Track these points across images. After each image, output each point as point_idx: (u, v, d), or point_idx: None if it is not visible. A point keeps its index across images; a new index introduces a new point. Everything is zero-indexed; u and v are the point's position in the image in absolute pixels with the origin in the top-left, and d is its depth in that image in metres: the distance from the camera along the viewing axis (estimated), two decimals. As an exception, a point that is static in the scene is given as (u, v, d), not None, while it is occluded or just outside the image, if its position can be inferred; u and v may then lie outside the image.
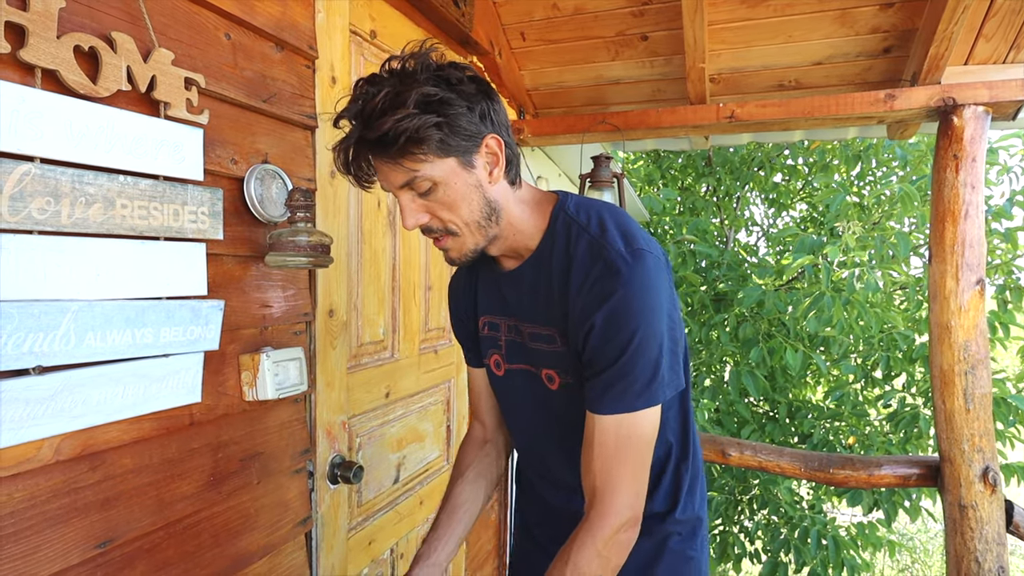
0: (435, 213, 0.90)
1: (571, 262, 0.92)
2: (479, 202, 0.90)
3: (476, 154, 0.88)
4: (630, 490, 0.90)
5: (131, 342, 0.91)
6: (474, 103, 0.86)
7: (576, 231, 0.94)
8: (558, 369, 0.99)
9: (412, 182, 0.86)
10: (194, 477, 1.06)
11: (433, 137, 0.82)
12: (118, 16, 0.91)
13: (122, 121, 0.88)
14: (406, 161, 0.84)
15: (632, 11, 2.02)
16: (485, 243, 0.95)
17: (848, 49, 1.97)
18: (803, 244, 3.16)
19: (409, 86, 0.81)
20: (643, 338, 0.87)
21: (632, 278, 0.87)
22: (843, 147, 4.22)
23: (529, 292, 1.00)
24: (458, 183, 0.87)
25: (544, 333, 0.99)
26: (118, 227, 0.89)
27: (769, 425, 4.39)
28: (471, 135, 0.86)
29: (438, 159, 0.85)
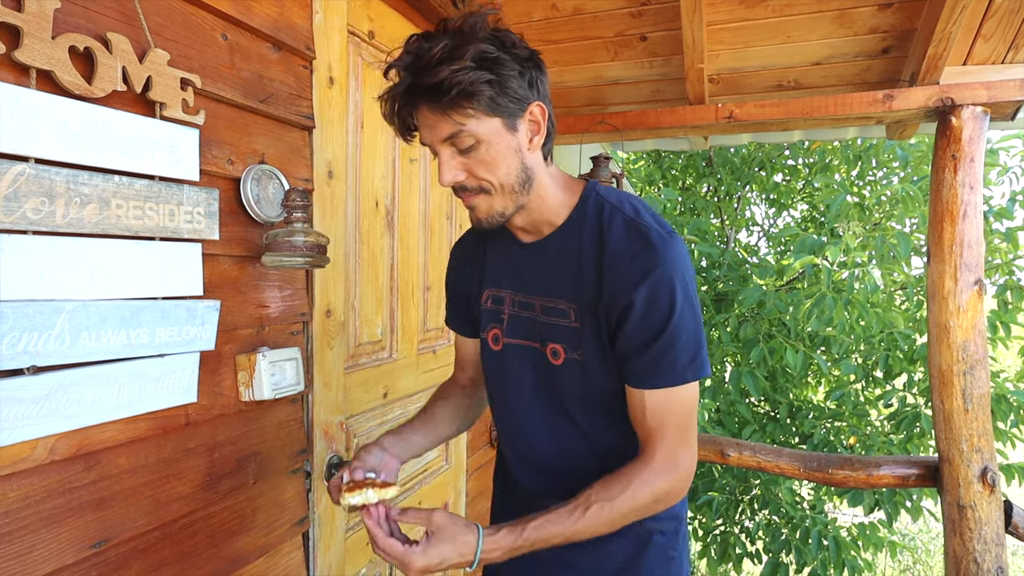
0: (473, 171, 0.92)
1: (605, 239, 0.94)
2: (516, 166, 0.92)
3: (520, 118, 0.91)
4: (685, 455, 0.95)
5: (126, 342, 0.91)
6: (525, 68, 0.89)
7: (609, 210, 0.97)
8: (566, 344, 0.99)
9: (456, 136, 0.88)
10: (190, 477, 1.06)
11: (484, 94, 0.85)
12: (114, 17, 0.91)
13: (117, 121, 0.89)
14: (455, 114, 0.86)
15: (631, 11, 2.02)
16: (514, 209, 0.96)
17: (847, 49, 1.97)
18: (804, 244, 3.16)
19: (466, 41, 0.84)
20: (683, 311, 0.91)
21: (669, 255, 0.90)
22: (843, 147, 4.22)
23: (550, 266, 1.01)
24: (500, 144, 0.90)
25: (560, 308, 0.99)
26: (113, 227, 0.89)
27: (770, 425, 4.38)
28: (519, 99, 0.89)
29: (485, 117, 0.87)
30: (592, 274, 0.95)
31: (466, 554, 0.89)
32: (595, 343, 0.97)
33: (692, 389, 0.94)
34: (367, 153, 1.56)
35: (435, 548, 0.89)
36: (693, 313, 0.93)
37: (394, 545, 0.89)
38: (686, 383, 0.93)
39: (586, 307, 0.96)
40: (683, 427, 0.95)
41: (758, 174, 4.61)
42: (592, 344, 0.97)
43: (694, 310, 0.93)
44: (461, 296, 1.23)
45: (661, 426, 0.94)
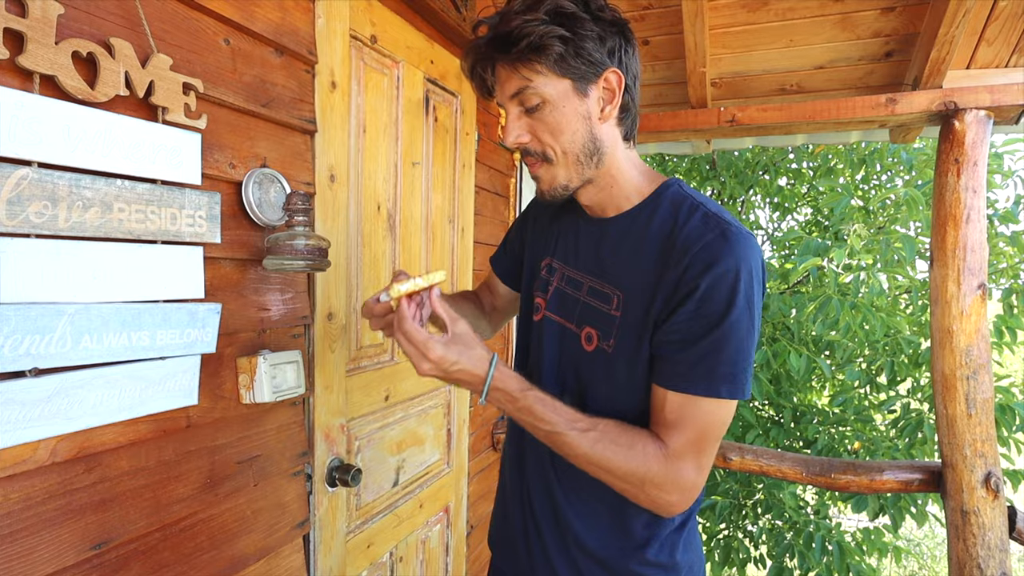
0: (537, 134, 0.89)
1: (676, 227, 0.87)
2: (583, 134, 0.88)
3: (593, 84, 0.86)
4: (689, 476, 0.85)
5: (127, 344, 0.91)
6: (608, 34, 0.85)
7: (690, 205, 0.90)
8: (601, 332, 0.93)
9: (522, 92, 0.86)
10: (191, 479, 1.07)
11: (554, 50, 0.82)
12: (117, 22, 0.92)
13: (120, 126, 0.89)
14: (523, 68, 0.84)
15: (633, 15, 2.02)
16: (579, 182, 0.92)
17: (850, 53, 1.97)
18: (808, 247, 3.15)
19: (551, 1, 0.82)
20: (740, 317, 0.81)
21: (743, 253, 0.82)
22: (848, 151, 4.21)
23: (609, 248, 0.95)
24: (567, 107, 0.86)
25: (605, 292, 0.94)
26: (115, 231, 0.90)
27: (774, 429, 4.36)
28: (593, 62, 0.84)
29: (554, 76, 0.84)
30: (652, 262, 0.88)
31: (479, 368, 0.86)
32: (631, 337, 0.89)
33: (722, 408, 0.84)
34: (369, 157, 1.56)
35: (455, 347, 0.85)
36: (751, 324, 0.83)
37: (418, 330, 0.84)
38: (718, 398, 0.83)
39: (634, 297, 0.90)
40: (700, 442, 0.85)
41: (762, 177, 4.60)
42: (627, 338, 0.90)
43: (752, 322, 0.83)
44: (514, 246, 1.24)
45: (677, 429, 0.85)
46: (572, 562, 1.01)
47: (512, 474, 1.14)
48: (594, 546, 0.99)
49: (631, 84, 0.90)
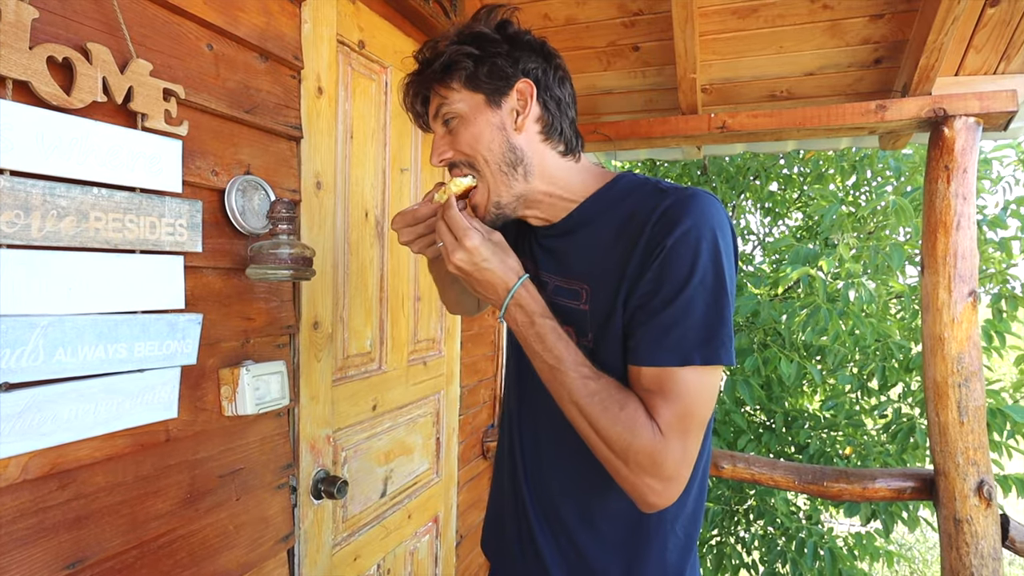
0: (458, 147, 0.92)
1: (637, 207, 0.86)
2: (500, 144, 0.90)
3: (505, 96, 0.90)
4: (681, 450, 0.78)
5: (104, 357, 0.89)
6: (522, 53, 0.90)
7: (642, 181, 0.91)
8: (577, 328, 0.91)
9: (440, 109, 0.91)
10: (170, 494, 1.04)
11: (464, 66, 0.88)
12: (95, 27, 0.90)
13: (97, 133, 0.87)
14: (440, 87, 0.91)
15: (623, 21, 2.02)
16: (509, 198, 0.92)
17: (839, 60, 1.97)
18: (798, 255, 3.15)
19: (467, 26, 0.91)
20: (706, 276, 0.78)
21: (706, 212, 0.80)
22: (838, 157, 4.23)
23: (568, 244, 0.95)
24: (480, 119, 0.90)
25: (573, 288, 0.93)
26: (91, 240, 0.87)
27: (766, 435, 4.36)
28: (504, 76, 0.89)
29: (466, 91, 0.90)
30: (614, 247, 0.87)
31: (508, 276, 0.88)
32: (610, 327, 0.86)
33: (702, 379, 0.79)
34: (357, 163, 1.54)
35: (490, 246, 0.88)
36: (719, 283, 0.79)
37: (462, 216, 0.88)
38: (692, 365, 0.77)
39: (601, 286, 0.88)
40: (684, 419, 0.78)
41: (753, 183, 4.62)
42: (606, 329, 0.87)
43: (722, 280, 0.79)
44: None
45: (658, 401, 0.79)
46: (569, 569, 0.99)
47: (508, 483, 1.12)
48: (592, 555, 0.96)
49: (551, 102, 0.92)
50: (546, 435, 1.02)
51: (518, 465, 1.07)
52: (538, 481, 1.04)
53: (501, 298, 0.88)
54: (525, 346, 0.89)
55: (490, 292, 0.90)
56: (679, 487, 0.81)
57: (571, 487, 0.99)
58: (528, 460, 1.06)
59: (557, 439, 0.99)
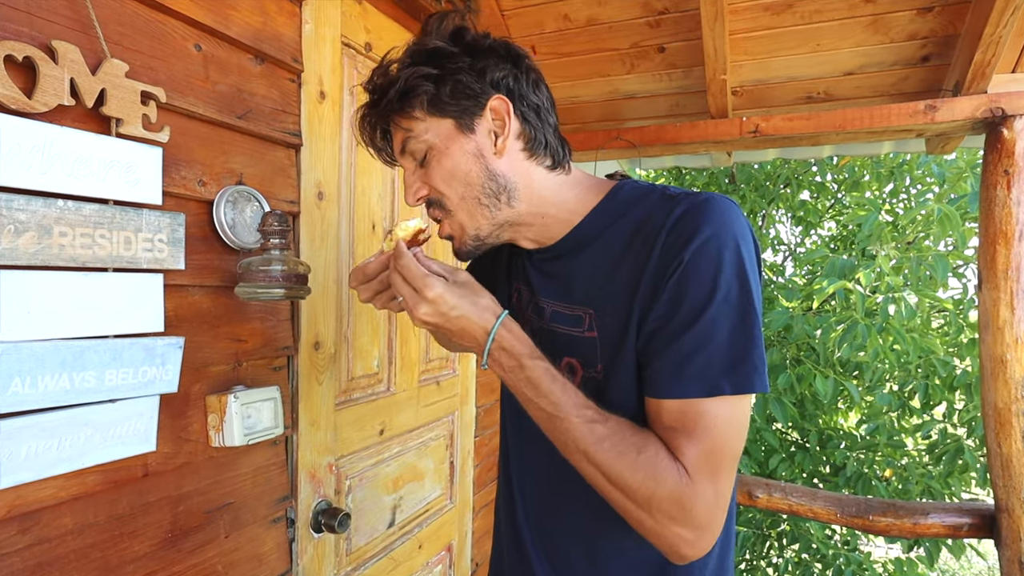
0: (432, 183, 0.81)
1: (643, 217, 0.76)
2: (478, 173, 0.79)
3: (478, 117, 0.78)
4: (709, 492, 0.68)
5: (68, 387, 0.80)
6: (488, 64, 0.78)
7: (647, 190, 0.80)
8: (582, 359, 0.81)
9: (407, 144, 0.80)
10: (149, 534, 0.95)
11: (424, 90, 0.76)
12: (64, 24, 0.82)
13: (62, 139, 0.79)
14: (400, 118, 0.79)
15: (648, 21, 1.90)
16: (490, 228, 0.82)
17: (882, 58, 1.83)
18: (833, 267, 2.98)
19: (417, 43, 0.78)
20: (730, 291, 0.68)
21: (727, 219, 0.70)
22: (875, 163, 4.04)
23: (563, 266, 0.85)
24: (452, 148, 0.78)
25: (576, 314, 0.82)
26: (55, 258, 0.79)
27: (799, 454, 4.16)
28: (472, 94, 0.77)
29: (432, 118, 0.78)
30: (620, 266, 0.77)
31: (483, 319, 0.75)
32: (619, 355, 0.76)
33: (732, 409, 0.69)
34: (363, 172, 1.45)
35: (456, 290, 0.75)
36: (747, 299, 0.69)
37: (417, 265, 0.75)
38: (720, 395, 0.67)
39: (609, 308, 0.78)
40: (713, 456, 0.68)
41: (783, 191, 4.44)
42: (615, 358, 0.77)
43: (749, 296, 0.69)
44: None
45: (682, 439, 0.69)
46: None
47: (505, 522, 1.00)
48: None
49: (529, 112, 0.81)
50: (547, 470, 0.90)
51: (517, 503, 0.95)
52: (540, 520, 0.92)
53: (481, 344, 0.76)
54: (516, 393, 0.77)
55: (467, 340, 0.77)
56: (714, 534, 0.70)
57: (578, 528, 0.87)
58: (528, 497, 0.94)
59: (560, 474, 0.86)
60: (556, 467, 0.85)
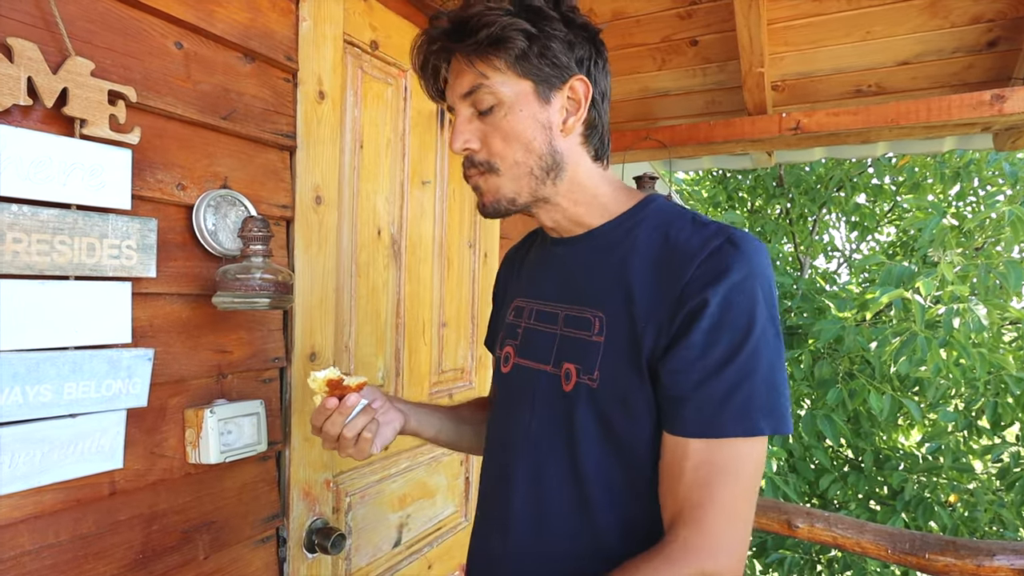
0: (488, 141, 0.78)
1: (672, 238, 0.75)
2: (541, 145, 0.77)
3: (557, 90, 0.77)
4: (735, 537, 0.67)
5: (20, 402, 0.76)
6: (577, 39, 0.77)
7: (679, 213, 0.79)
8: (582, 365, 0.77)
9: (476, 91, 0.76)
10: (117, 555, 0.90)
11: (516, 44, 0.73)
12: (25, 20, 0.78)
13: (16, 141, 0.75)
14: (480, 62, 0.75)
15: (678, 13, 1.78)
16: (529, 199, 0.80)
17: (942, 44, 1.65)
18: (890, 275, 2.75)
19: None
20: (766, 331, 0.69)
21: (760, 261, 0.71)
22: (938, 163, 3.75)
23: (585, 265, 0.83)
24: (524, 112, 0.76)
25: (585, 317, 0.80)
26: (8, 265, 0.75)
27: (852, 475, 3.89)
28: (559, 66, 0.76)
29: (513, 76, 0.75)
30: (641, 277, 0.74)
31: None
32: (624, 365, 0.73)
33: (761, 447, 0.69)
34: (367, 176, 1.39)
35: None
36: (778, 340, 0.70)
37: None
38: (758, 435, 0.67)
39: (620, 318, 0.75)
40: (739, 499, 0.67)
41: (836, 194, 4.18)
42: (619, 367, 0.73)
43: (779, 336, 0.71)
44: (494, 314, 1.11)
45: (708, 494, 0.67)
46: None
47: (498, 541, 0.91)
48: None
49: (599, 99, 0.81)
50: (550, 494, 0.81)
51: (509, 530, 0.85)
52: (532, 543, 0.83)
53: None
54: None
55: None
56: (746, 548, 0.70)
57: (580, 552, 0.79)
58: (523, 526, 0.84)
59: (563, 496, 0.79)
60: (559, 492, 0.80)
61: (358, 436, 0.85)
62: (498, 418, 0.93)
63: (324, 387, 0.83)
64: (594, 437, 0.75)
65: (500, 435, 0.91)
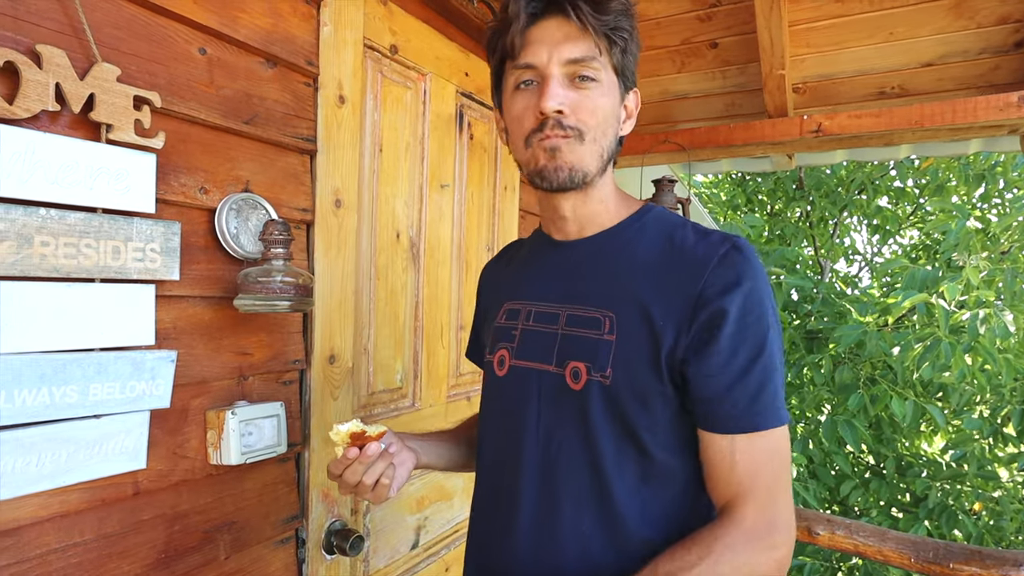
0: (579, 108, 0.80)
1: (677, 245, 0.82)
2: (613, 133, 0.85)
3: (627, 93, 0.87)
4: (787, 508, 0.76)
5: (48, 402, 0.77)
6: (638, 50, 0.87)
7: (679, 223, 0.86)
8: (593, 363, 0.79)
9: (587, 61, 0.79)
10: (140, 554, 0.91)
11: (622, 43, 0.81)
12: (52, 27, 0.80)
13: (45, 146, 0.76)
14: (600, 40, 0.79)
15: (698, 15, 1.77)
16: (587, 180, 0.84)
17: (967, 45, 1.62)
18: (913, 279, 2.71)
19: None
20: (777, 333, 0.79)
21: (760, 265, 0.79)
22: (962, 166, 3.68)
23: (591, 268, 0.87)
24: (613, 99, 0.83)
25: (593, 317, 0.82)
26: (36, 268, 0.76)
27: (874, 481, 3.82)
28: (630, 72, 0.86)
29: (610, 67, 0.82)
30: (651, 280, 0.80)
31: None
32: (637, 363, 0.77)
33: (787, 432, 0.80)
34: (386, 179, 1.40)
35: None
36: (780, 336, 0.80)
37: None
38: (784, 424, 0.77)
39: (631, 318, 0.78)
40: (779, 482, 0.77)
41: (858, 197, 4.12)
42: (632, 364, 0.77)
43: (780, 332, 0.80)
44: (478, 325, 1.13)
45: (753, 481, 0.75)
46: None
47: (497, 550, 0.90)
48: None
49: None
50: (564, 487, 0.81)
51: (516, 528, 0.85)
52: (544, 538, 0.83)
53: None
54: None
55: None
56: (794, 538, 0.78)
57: None
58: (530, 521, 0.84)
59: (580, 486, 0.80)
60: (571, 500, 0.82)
61: (376, 482, 0.85)
62: (495, 422, 0.92)
63: (346, 440, 0.83)
64: (609, 430, 0.78)
65: (499, 438, 0.90)
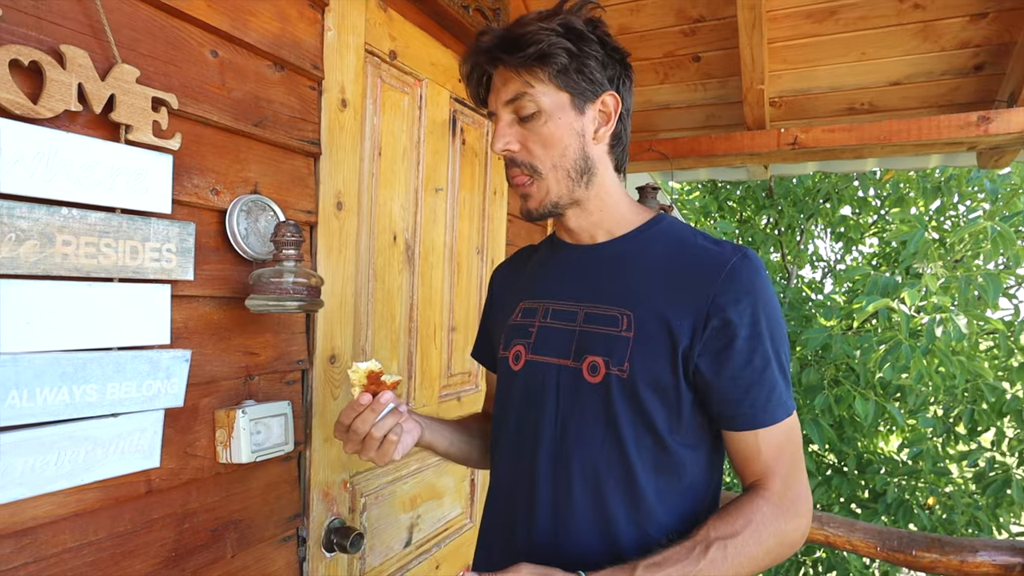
0: (527, 145, 0.86)
1: (690, 251, 0.86)
2: (575, 151, 0.86)
3: (590, 103, 0.86)
4: (805, 483, 0.85)
5: (68, 401, 0.78)
6: (610, 60, 0.87)
7: (690, 232, 0.91)
8: (612, 358, 0.83)
9: (520, 98, 0.84)
10: (151, 553, 0.92)
11: (559, 60, 0.82)
12: (74, 27, 0.80)
13: (68, 146, 0.77)
14: (525, 73, 0.83)
15: (682, 29, 1.84)
16: (568, 200, 0.89)
17: (931, 67, 1.73)
18: (876, 285, 2.84)
19: (562, 13, 0.84)
20: (783, 337, 0.85)
21: (766, 274, 0.85)
22: (920, 178, 3.87)
23: (607, 271, 0.91)
24: (561, 121, 0.85)
25: (611, 315, 0.86)
26: (58, 267, 0.77)
27: (836, 479, 3.98)
28: (593, 81, 0.85)
29: (553, 88, 0.84)
30: (666, 283, 0.84)
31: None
32: (654, 358, 0.82)
33: (796, 416, 0.87)
34: (385, 182, 1.42)
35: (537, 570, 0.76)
36: (787, 340, 0.87)
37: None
38: (794, 410, 0.85)
39: (649, 316, 0.83)
40: (797, 461, 0.84)
41: (823, 206, 4.29)
42: (649, 359, 0.82)
43: (786, 338, 0.88)
44: (488, 325, 1.14)
45: (777, 462, 0.83)
46: None
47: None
48: None
49: (625, 114, 0.91)
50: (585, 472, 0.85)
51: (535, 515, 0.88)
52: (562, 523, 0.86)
53: None
54: None
55: None
56: (811, 510, 0.85)
57: None
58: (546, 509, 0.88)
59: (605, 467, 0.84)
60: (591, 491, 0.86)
61: (384, 437, 0.86)
62: (512, 412, 0.95)
63: (364, 378, 0.85)
64: (629, 418, 0.83)
65: (517, 426, 0.93)
